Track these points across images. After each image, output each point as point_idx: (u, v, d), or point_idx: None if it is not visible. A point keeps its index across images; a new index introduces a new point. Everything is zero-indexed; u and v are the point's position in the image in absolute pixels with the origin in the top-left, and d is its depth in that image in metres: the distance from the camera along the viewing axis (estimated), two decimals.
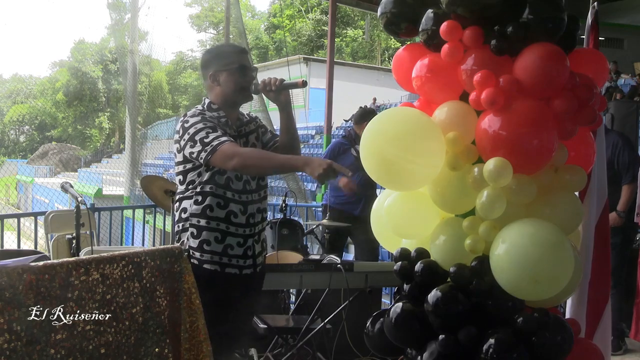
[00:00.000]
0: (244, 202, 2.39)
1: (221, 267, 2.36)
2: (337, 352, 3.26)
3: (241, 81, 2.41)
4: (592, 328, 2.55)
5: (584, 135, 2.26)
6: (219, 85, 2.42)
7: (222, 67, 2.41)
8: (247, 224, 2.40)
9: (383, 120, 2.26)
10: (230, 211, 2.36)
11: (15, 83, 47.11)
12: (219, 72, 2.42)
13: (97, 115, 41.33)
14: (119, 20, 14.79)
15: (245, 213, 2.39)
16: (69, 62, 42.54)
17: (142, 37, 13.72)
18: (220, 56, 2.46)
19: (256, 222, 2.44)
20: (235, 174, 2.36)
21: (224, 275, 2.36)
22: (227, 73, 2.41)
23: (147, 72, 14.93)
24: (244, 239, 2.39)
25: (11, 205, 26.98)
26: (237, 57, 2.43)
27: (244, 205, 2.39)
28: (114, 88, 38.97)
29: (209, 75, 2.44)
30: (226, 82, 2.41)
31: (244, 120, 2.52)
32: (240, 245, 2.39)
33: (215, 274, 2.34)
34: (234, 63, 2.41)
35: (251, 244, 2.42)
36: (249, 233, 2.41)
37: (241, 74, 2.41)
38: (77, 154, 35.90)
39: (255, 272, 2.46)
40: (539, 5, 2.06)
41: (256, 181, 2.46)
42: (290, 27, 36.66)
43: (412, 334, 2.19)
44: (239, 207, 2.38)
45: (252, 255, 2.43)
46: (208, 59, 2.48)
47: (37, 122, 43.25)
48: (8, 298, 1.40)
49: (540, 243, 1.97)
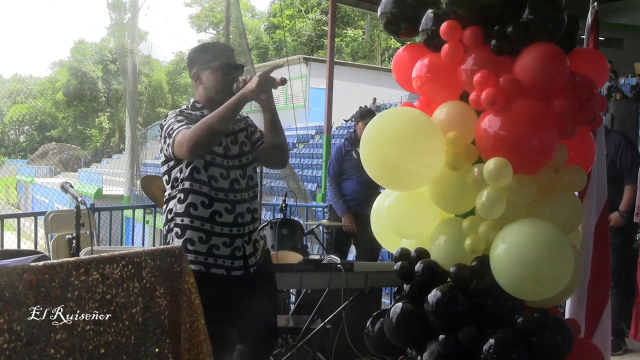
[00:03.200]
0: (231, 200, 2.34)
1: (206, 267, 2.32)
2: (337, 352, 3.26)
3: (223, 79, 2.37)
4: (592, 328, 2.55)
5: (584, 135, 2.26)
6: (201, 83, 2.41)
7: (204, 65, 2.39)
8: (235, 223, 2.34)
9: (383, 121, 2.26)
10: (215, 210, 2.31)
11: (15, 83, 47.11)
12: (201, 70, 2.40)
13: (97, 115, 41.33)
14: (118, 20, 14.80)
15: (233, 212, 2.34)
16: (69, 62, 42.54)
17: (142, 37, 13.73)
18: (202, 54, 2.42)
19: (246, 222, 2.38)
20: (220, 172, 2.32)
21: (210, 275, 2.31)
22: (208, 71, 2.38)
23: (147, 72, 14.95)
24: (230, 239, 2.34)
25: (11, 205, 26.98)
26: (218, 55, 2.39)
27: (232, 204, 2.34)
28: (114, 88, 38.96)
29: (192, 74, 2.42)
30: (208, 80, 2.39)
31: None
32: (227, 245, 2.33)
33: (200, 274, 2.23)
34: (215, 61, 2.37)
35: (240, 245, 2.36)
36: (236, 233, 2.35)
37: (223, 72, 2.37)
38: (77, 154, 35.91)
39: (248, 274, 2.38)
40: (539, 5, 2.06)
41: (245, 180, 2.41)
42: (290, 27, 36.67)
43: (412, 334, 2.19)
44: (224, 206, 2.32)
45: (241, 257, 2.36)
46: (192, 57, 2.45)
47: (37, 122, 43.25)
48: (8, 298, 1.40)
49: (540, 243, 1.97)
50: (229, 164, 2.37)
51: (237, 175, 2.38)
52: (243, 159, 2.43)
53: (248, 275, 2.39)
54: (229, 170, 2.36)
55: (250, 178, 2.45)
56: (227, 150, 2.38)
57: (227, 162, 2.37)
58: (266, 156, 2.48)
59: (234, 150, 2.41)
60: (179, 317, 1.80)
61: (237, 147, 2.43)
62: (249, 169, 2.46)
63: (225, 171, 2.35)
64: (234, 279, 2.36)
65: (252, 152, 2.49)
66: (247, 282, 2.39)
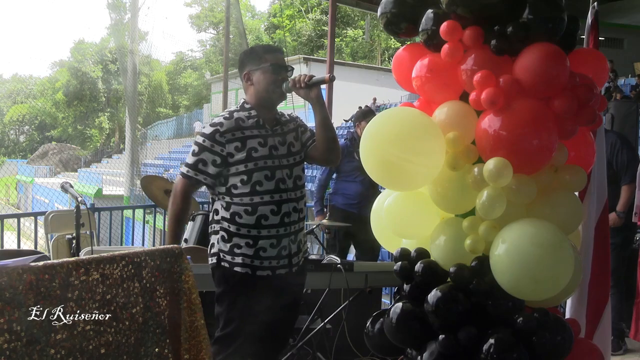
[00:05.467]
0: (276, 201, 2.37)
1: (252, 269, 2.35)
2: (337, 352, 3.26)
3: (274, 79, 2.42)
4: (592, 328, 2.56)
5: (584, 135, 2.26)
6: (252, 84, 2.46)
7: (255, 66, 2.45)
8: (282, 223, 2.37)
9: (383, 121, 2.26)
10: (261, 215, 2.35)
11: (15, 83, 47.10)
12: (252, 71, 2.46)
13: (97, 115, 41.33)
14: (118, 20, 14.81)
15: (279, 213, 2.37)
16: (69, 62, 42.51)
17: (142, 37, 13.75)
18: (253, 56, 2.48)
19: (292, 221, 2.41)
20: (265, 174, 2.36)
21: (255, 277, 2.35)
22: (259, 72, 2.44)
23: (147, 72, 14.98)
24: (277, 240, 2.37)
25: (11, 205, 26.98)
26: (269, 56, 2.45)
27: (277, 205, 2.37)
28: (114, 88, 38.98)
29: (243, 75, 2.48)
30: (259, 81, 2.45)
31: (282, 120, 2.53)
32: (274, 246, 2.37)
33: (246, 277, 2.34)
34: (266, 62, 2.43)
35: (287, 244, 2.40)
36: (283, 233, 2.38)
37: (273, 72, 2.42)
38: (77, 154, 35.90)
39: (291, 272, 2.42)
40: (539, 5, 2.06)
41: (292, 180, 2.44)
42: (290, 27, 36.66)
43: (412, 334, 2.19)
44: (270, 208, 2.35)
45: (287, 255, 2.41)
46: (242, 59, 2.51)
47: (37, 122, 43.24)
48: (8, 298, 1.40)
49: (540, 243, 1.97)
50: (275, 163, 2.40)
51: (284, 175, 2.41)
52: (291, 159, 2.47)
53: (290, 275, 2.43)
54: (274, 171, 2.39)
55: (299, 178, 2.48)
56: (273, 150, 2.41)
57: (272, 162, 2.39)
58: (319, 154, 2.52)
59: (282, 150, 2.44)
60: (179, 317, 1.80)
61: (285, 147, 2.46)
62: (297, 168, 2.49)
63: (270, 172, 2.37)
64: (278, 277, 2.40)
65: (301, 152, 2.53)
66: (290, 279, 2.43)
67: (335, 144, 2.52)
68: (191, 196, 2.47)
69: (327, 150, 2.50)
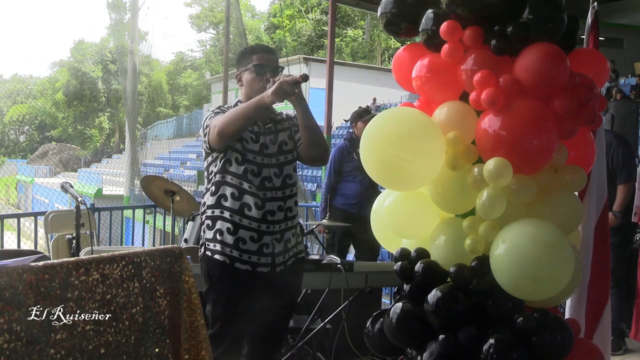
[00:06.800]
0: (261, 197, 2.38)
1: (230, 260, 2.36)
2: (337, 352, 3.26)
3: (258, 80, 2.44)
4: (592, 328, 2.56)
5: (584, 135, 2.26)
6: (242, 85, 2.50)
7: (244, 67, 2.49)
8: (264, 219, 2.38)
9: (383, 121, 2.25)
10: (245, 203, 2.37)
11: (15, 83, 47.08)
12: (242, 72, 2.50)
13: (97, 115, 41.33)
14: (118, 20, 14.82)
15: (262, 208, 2.37)
16: (69, 62, 42.50)
17: (142, 37, 13.75)
18: (243, 56, 2.52)
19: (276, 220, 2.40)
20: (252, 169, 2.37)
21: (233, 269, 2.36)
22: (247, 72, 2.48)
23: (147, 72, 15.00)
24: (258, 235, 2.37)
25: (11, 205, 26.97)
26: (255, 56, 2.47)
27: (262, 201, 2.38)
28: (114, 88, 38.96)
29: (236, 76, 2.53)
30: (247, 81, 2.49)
31: (277, 119, 2.54)
32: (254, 240, 2.37)
33: (223, 266, 2.35)
34: (252, 62, 2.46)
35: (269, 242, 2.39)
36: (265, 230, 2.38)
37: (257, 73, 2.44)
38: (77, 154, 35.89)
39: (274, 272, 2.41)
40: (539, 5, 2.06)
41: (280, 179, 2.44)
42: (290, 27, 36.65)
43: (412, 334, 2.19)
44: (254, 201, 2.37)
45: (269, 254, 2.40)
46: (236, 59, 2.56)
47: (37, 122, 43.23)
48: (8, 298, 1.40)
49: (540, 243, 1.97)
50: (264, 161, 2.42)
51: (271, 173, 2.42)
52: (281, 158, 2.47)
53: (274, 273, 2.42)
54: (261, 168, 2.40)
55: (288, 177, 2.48)
56: (263, 148, 2.43)
57: (261, 159, 2.42)
58: (303, 154, 2.52)
59: (272, 148, 2.45)
60: (179, 317, 1.80)
61: (276, 146, 2.47)
62: (288, 167, 2.49)
63: (257, 168, 2.39)
64: (259, 275, 2.40)
65: (293, 151, 2.53)
66: (272, 279, 2.42)
67: (317, 136, 2.44)
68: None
69: (311, 144, 2.44)
